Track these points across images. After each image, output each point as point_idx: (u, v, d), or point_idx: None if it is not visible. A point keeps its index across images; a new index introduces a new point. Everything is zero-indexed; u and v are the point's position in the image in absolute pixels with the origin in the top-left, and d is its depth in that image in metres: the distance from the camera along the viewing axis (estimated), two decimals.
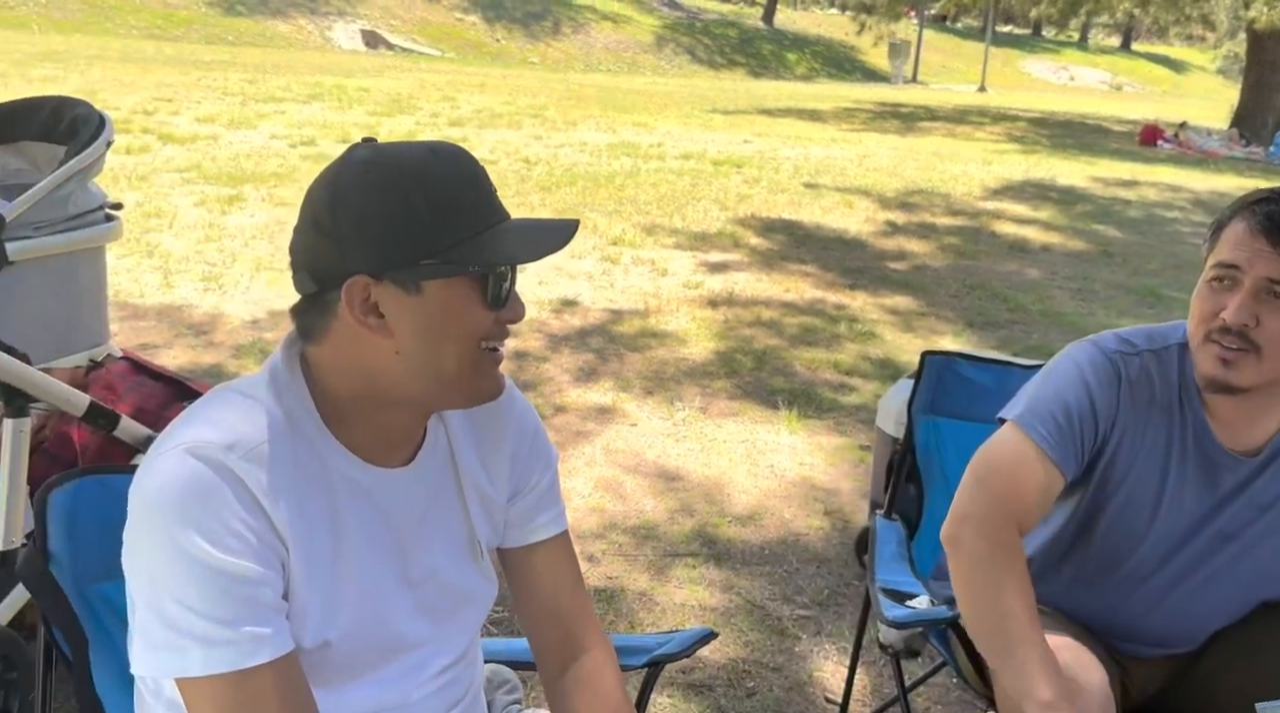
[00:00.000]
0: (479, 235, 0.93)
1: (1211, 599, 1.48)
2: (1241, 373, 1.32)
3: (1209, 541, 1.43)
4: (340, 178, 0.93)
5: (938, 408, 1.84)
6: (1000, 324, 5.24)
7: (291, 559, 0.93)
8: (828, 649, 2.32)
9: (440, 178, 0.93)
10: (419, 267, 0.91)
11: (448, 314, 0.94)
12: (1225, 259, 1.33)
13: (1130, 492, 1.43)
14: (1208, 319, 1.34)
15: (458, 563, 1.08)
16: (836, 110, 19.09)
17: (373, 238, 0.91)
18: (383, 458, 1.01)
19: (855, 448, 3.55)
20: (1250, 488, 1.41)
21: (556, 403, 3.77)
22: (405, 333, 0.93)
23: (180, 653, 0.88)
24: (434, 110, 12.70)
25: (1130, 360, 1.43)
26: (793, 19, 38.65)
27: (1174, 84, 43.40)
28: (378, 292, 0.92)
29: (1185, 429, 1.41)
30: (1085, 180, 11.08)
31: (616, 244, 6.39)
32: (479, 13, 29.20)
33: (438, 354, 0.95)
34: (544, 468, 1.15)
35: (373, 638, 1.00)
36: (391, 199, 0.91)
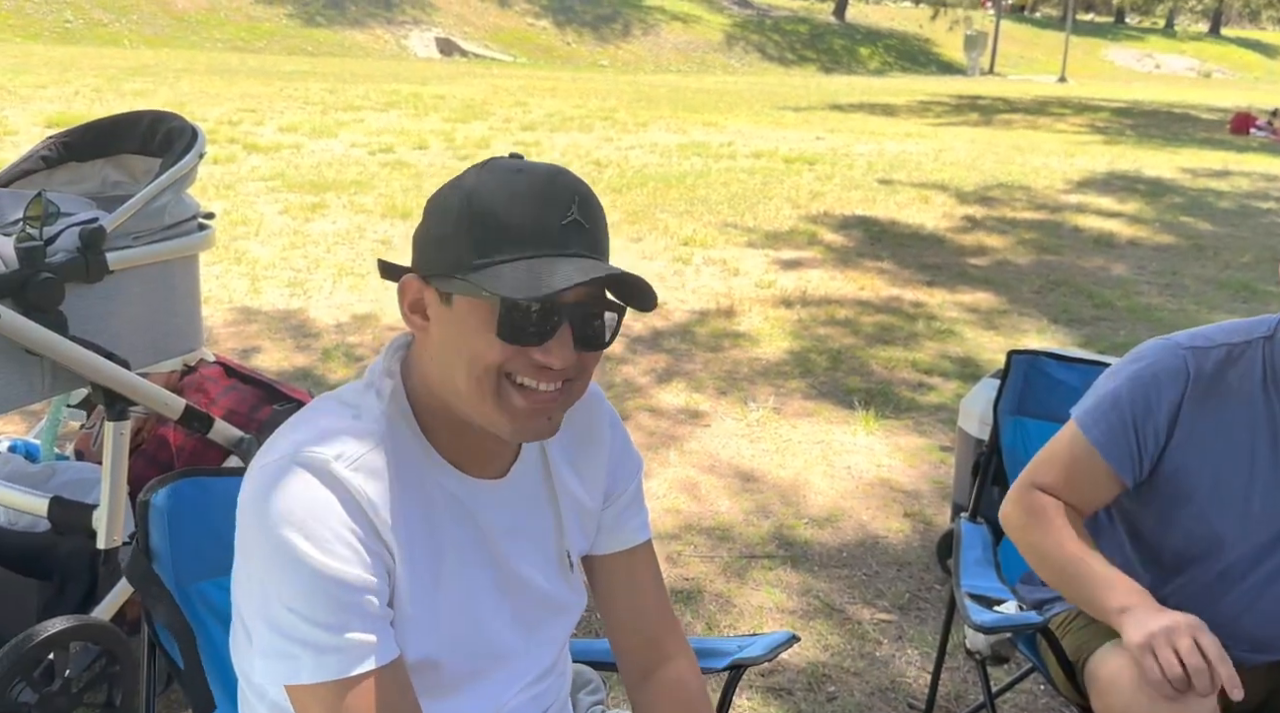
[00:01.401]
0: (511, 262, 0.88)
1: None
2: None
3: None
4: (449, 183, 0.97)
5: (1024, 409, 1.79)
6: (1086, 321, 5.08)
7: (397, 568, 0.95)
8: (910, 654, 2.28)
9: (502, 198, 0.90)
10: (453, 280, 0.91)
11: (463, 332, 0.92)
12: None
13: (1212, 489, 1.39)
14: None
15: (548, 575, 1.08)
16: (911, 104, 18.75)
17: (429, 241, 0.94)
18: (478, 469, 1.02)
19: (935, 449, 3.48)
20: None
21: (633, 404, 3.78)
22: (435, 340, 0.95)
23: (292, 660, 0.90)
24: (507, 115, 12.87)
25: (1204, 355, 1.40)
26: (865, 13, 38.07)
27: (1267, 70, 41.46)
28: (427, 294, 0.95)
29: (1273, 420, 1.37)
30: (1173, 171, 10.68)
31: (688, 244, 6.38)
32: (550, 17, 29.48)
33: (452, 369, 0.94)
34: (631, 474, 1.16)
35: (470, 650, 1.01)
36: (449, 207, 0.93)
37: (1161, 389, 1.38)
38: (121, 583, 1.86)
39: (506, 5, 29.49)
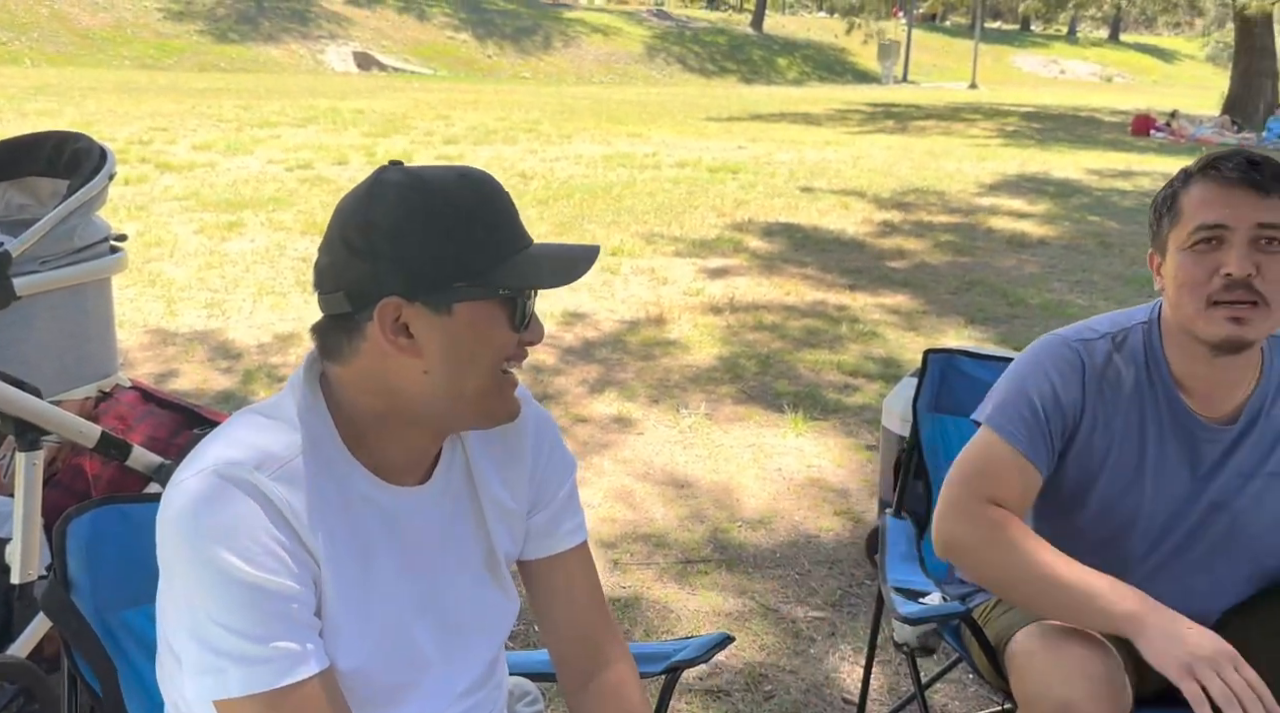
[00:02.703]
0: (508, 259, 0.96)
1: (1215, 573, 1.48)
2: (1255, 327, 1.33)
3: (1200, 514, 1.45)
4: (374, 199, 0.95)
5: (942, 405, 1.85)
6: (1001, 319, 5.25)
7: (323, 576, 0.95)
8: (843, 650, 2.33)
9: (471, 202, 0.95)
10: (451, 289, 0.93)
11: (476, 335, 0.95)
12: (1207, 220, 1.33)
13: (1112, 476, 1.45)
14: (1203, 283, 1.33)
15: (478, 580, 1.08)
16: (829, 113, 19.14)
17: (407, 260, 0.93)
18: (399, 477, 1.02)
19: (862, 448, 3.56)
20: (1234, 456, 1.43)
21: (566, 414, 3.79)
22: (434, 353, 0.95)
23: (220, 674, 0.89)
24: (428, 129, 12.76)
25: (1094, 346, 1.45)
26: (781, 24, 38.74)
27: (1164, 73, 43.43)
28: (409, 312, 0.94)
29: (1159, 407, 1.43)
30: (1080, 173, 11.10)
31: (616, 255, 6.41)
32: (470, 30, 29.33)
33: (462, 374, 0.96)
34: (563, 478, 1.16)
35: (400, 659, 1.01)
36: (426, 222, 0.93)
37: (1065, 382, 1.43)
38: (39, 618, 1.80)
39: (426, 18, 29.25)
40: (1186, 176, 1.40)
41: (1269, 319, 1.33)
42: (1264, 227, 1.31)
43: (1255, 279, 1.31)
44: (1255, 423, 1.43)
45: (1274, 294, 1.31)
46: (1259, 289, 1.31)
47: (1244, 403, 1.43)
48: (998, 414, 1.45)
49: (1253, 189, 1.32)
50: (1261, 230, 1.31)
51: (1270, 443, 1.43)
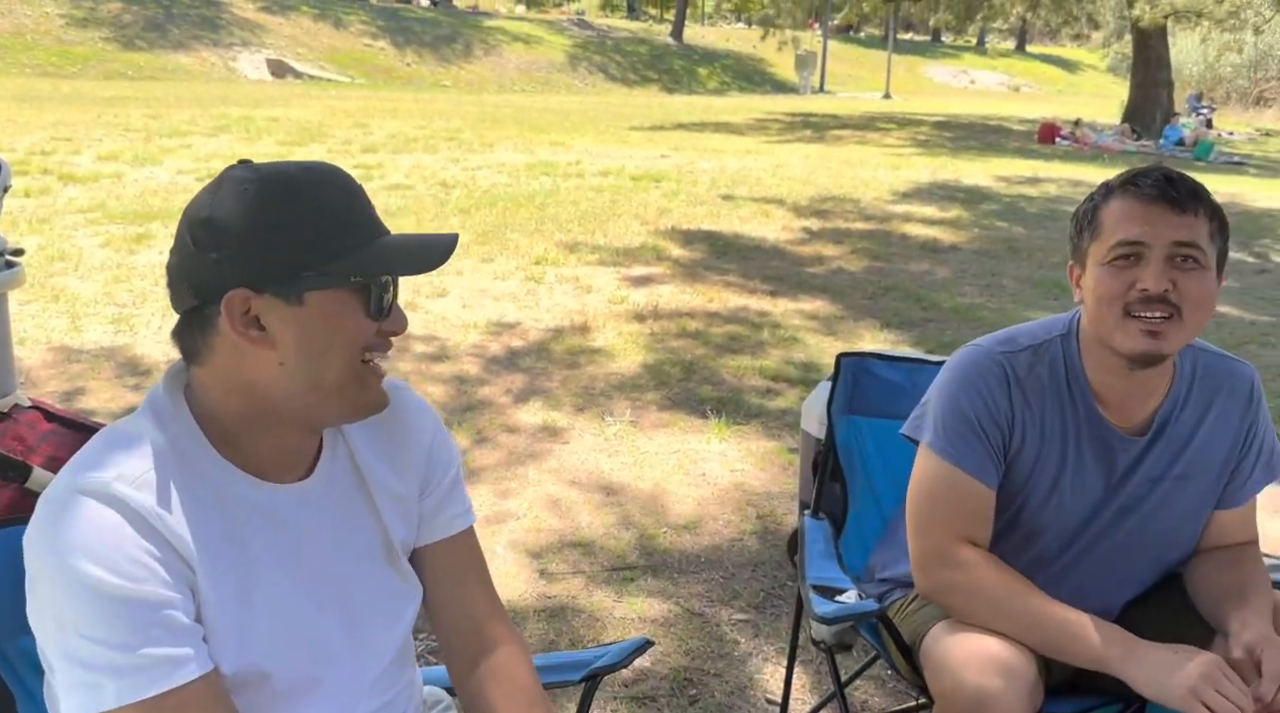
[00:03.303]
0: (360, 248, 0.96)
1: (1118, 572, 1.55)
2: (1170, 340, 1.36)
3: (1111, 517, 1.50)
4: (218, 195, 0.95)
5: (855, 407, 1.89)
6: (915, 323, 5.39)
7: (200, 581, 0.93)
8: (767, 651, 2.36)
9: (319, 193, 0.95)
10: (300, 278, 0.93)
11: (330, 323, 0.95)
12: (1126, 237, 1.37)
13: (1035, 484, 1.48)
14: (1120, 297, 1.37)
15: (377, 570, 1.08)
16: (750, 122, 19.41)
17: (253, 251, 0.92)
18: (278, 474, 1.01)
19: (784, 451, 3.61)
20: (1143, 464, 1.48)
21: (492, 424, 3.76)
22: (288, 344, 0.94)
23: (95, 689, 0.87)
24: (346, 137, 12.55)
25: (1015, 358, 1.47)
26: (701, 34, 39.17)
27: (1068, 83, 45.19)
28: (258, 304, 0.93)
29: (1077, 417, 1.47)
30: (989, 180, 11.47)
31: (540, 263, 6.40)
32: (388, 38, 28.94)
33: (320, 364, 0.96)
34: (448, 463, 1.16)
35: (298, 658, 1.00)
36: (272, 213, 0.93)
37: (996, 396, 1.45)
38: None
39: (342, 26, 28.76)
40: (1107, 191, 1.43)
41: (1183, 332, 1.37)
42: (1179, 244, 1.35)
43: (1171, 294, 1.34)
44: (1164, 430, 1.48)
45: (1189, 308, 1.35)
46: (1174, 302, 1.35)
47: (1155, 412, 1.48)
48: (938, 437, 1.46)
49: (1169, 207, 1.36)
50: (1177, 248, 1.35)
51: (1178, 448, 1.49)
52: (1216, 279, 1.39)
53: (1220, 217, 1.40)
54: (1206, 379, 1.51)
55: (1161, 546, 1.55)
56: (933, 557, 1.46)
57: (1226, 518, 1.54)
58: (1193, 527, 1.54)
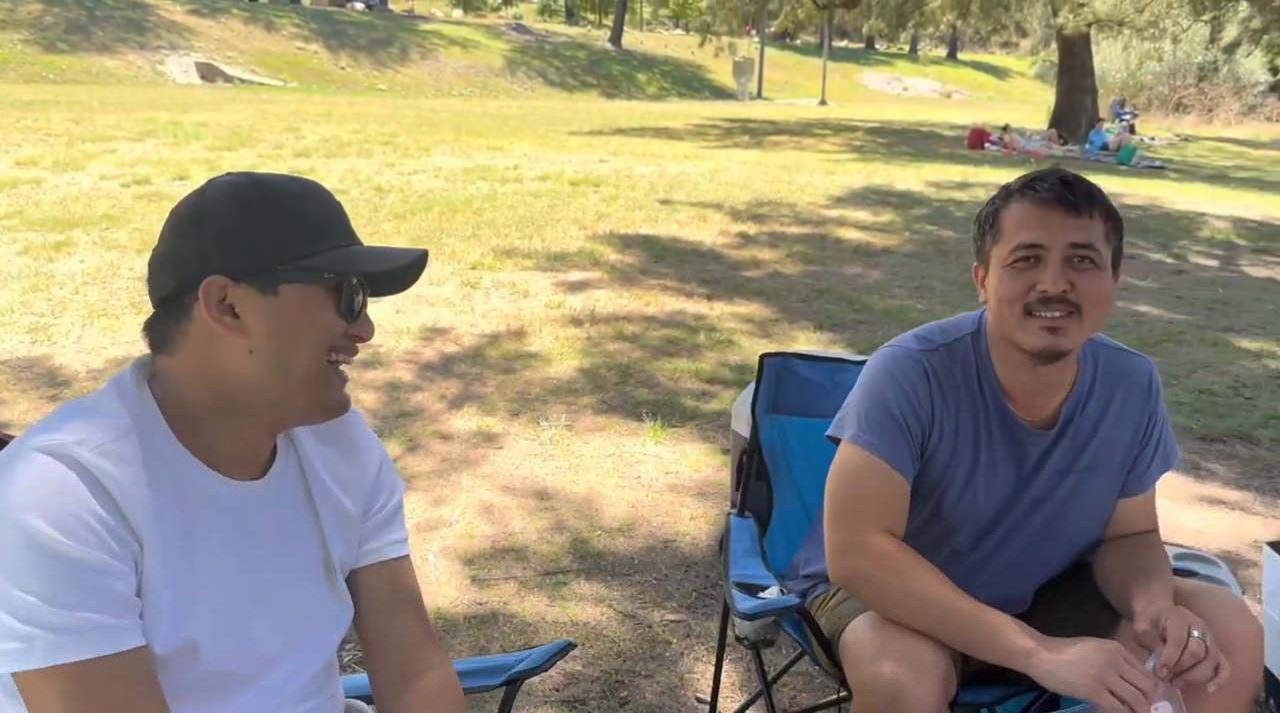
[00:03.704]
0: (336, 249, 1.00)
1: (1033, 561, 1.60)
2: (1070, 336, 1.41)
3: (1023, 509, 1.55)
4: (207, 192, 1.00)
5: (779, 407, 1.92)
6: (848, 325, 5.48)
7: (145, 556, 0.93)
8: (698, 651, 2.38)
9: (302, 198, 1.01)
10: (277, 270, 0.97)
11: (302, 316, 0.99)
12: (1025, 240, 1.41)
13: (952, 479, 1.52)
14: (1021, 297, 1.41)
15: (313, 583, 1.09)
16: (688, 128, 19.53)
17: (235, 243, 0.97)
18: (235, 470, 1.03)
19: (718, 452, 3.64)
20: (1051, 457, 1.53)
21: (425, 431, 3.73)
22: (260, 332, 0.98)
23: (26, 643, 0.86)
24: (277, 142, 12.32)
25: (932, 356, 1.51)
26: (640, 40, 39.34)
27: (998, 90, 46.35)
28: (235, 292, 0.97)
29: (989, 413, 1.51)
30: (921, 185, 11.71)
31: (476, 269, 6.36)
32: (321, 41, 28.51)
33: (289, 355, 0.99)
34: (393, 489, 1.18)
35: (229, 649, 0.99)
36: (255, 208, 0.98)
37: (917, 392, 1.49)
38: None
39: (274, 29, 28.25)
40: (1007, 194, 1.47)
41: (1083, 329, 1.42)
42: (1076, 246, 1.39)
43: (1070, 294, 1.39)
44: (1071, 423, 1.53)
45: (1087, 307, 1.40)
46: (1072, 300, 1.39)
47: (1061, 406, 1.52)
48: (861, 431, 1.49)
49: (1065, 209, 1.40)
50: (1074, 249, 1.39)
51: (1084, 441, 1.54)
52: (1112, 278, 1.44)
53: (1115, 217, 1.45)
54: (1108, 373, 1.56)
55: (1072, 535, 1.60)
56: (849, 545, 1.47)
57: (1129, 506, 1.59)
58: (1100, 515, 1.59)
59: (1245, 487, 3.53)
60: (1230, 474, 3.64)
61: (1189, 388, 4.62)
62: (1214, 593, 1.51)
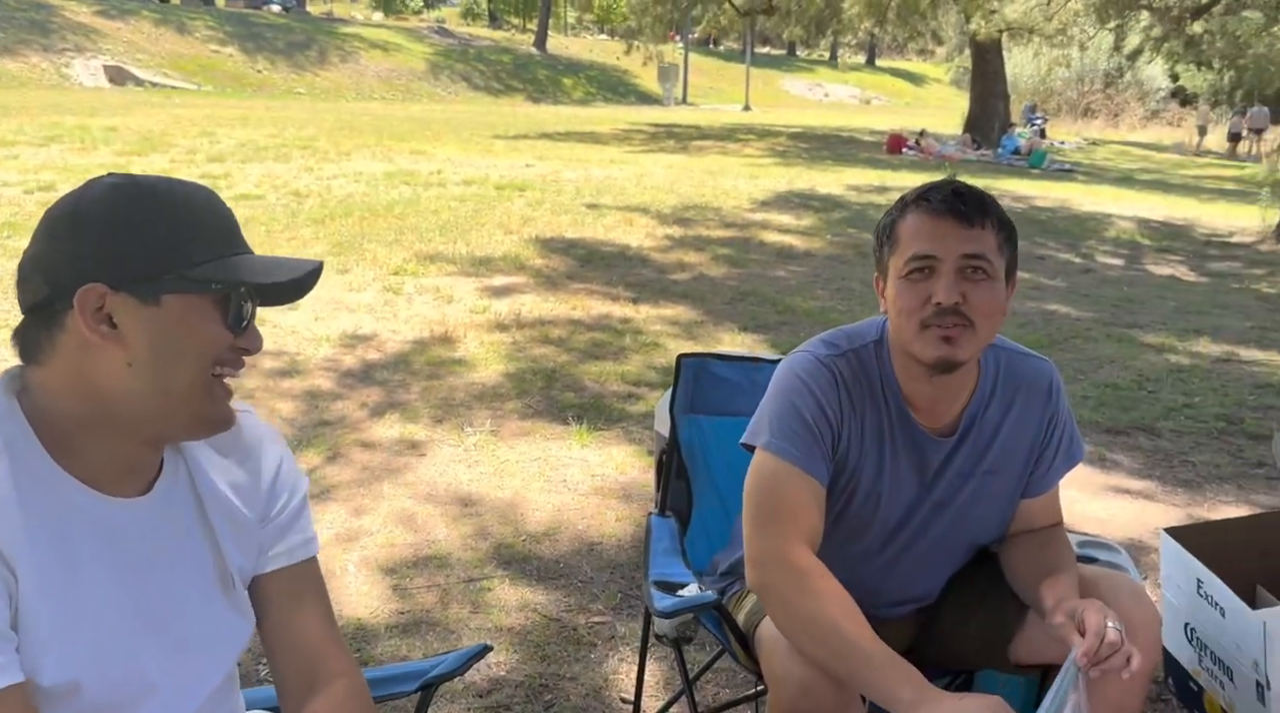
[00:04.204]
0: (223, 258, 0.96)
1: (938, 560, 1.64)
2: (964, 347, 1.43)
3: (927, 513, 1.58)
4: (86, 194, 0.94)
5: (697, 406, 1.94)
6: (771, 326, 5.56)
7: (20, 587, 0.89)
8: (623, 652, 2.38)
9: (187, 203, 0.96)
10: (161, 279, 0.92)
11: (185, 328, 0.94)
12: (919, 251, 1.43)
13: (859, 483, 1.54)
14: (918, 309, 1.43)
15: (208, 598, 1.05)
16: (614, 132, 19.59)
17: (114, 248, 0.91)
18: (116, 487, 0.98)
19: (644, 454, 3.66)
20: (953, 462, 1.56)
21: (346, 440, 3.66)
22: (140, 344, 0.93)
23: None
24: (191, 146, 11.99)
25: (839, 361, 1.53)
26: (565, 45, 39.30)
27: (915, 96, 47.52)
28: (113, 301, 0.91)
29: (891, 420, 1.53)
30: (841, 189, 11.94)
31: (398, 274, 6.28)
32: (236, 44, 27.83)
33: (170, 369, 0.94)
34: (293, 491, 1.14)
35: (116, 677, 0.95)
36: (138, 212, 0.93)
37: (826, 397, 1.50)
38: None
39: (187, 31, 27.48)
40: (903, 206, 1.49)
41: (976, 340, 1.44)
42: (968, 257, 1.41)
43: (963, 306, 1.41)
44: (972, 429, 1.56)
45: (980, 318, 1.42)
46: (965, 313, 1.41)
47: (962, 412, 1.55)
48: (774, 437, 1.49)
49: (957, 220, 1.42)
50: (966, 260, 1.41)
51: (984, 445, 1.57)
52: (1006, 287, 1.47)
53: (1008, 227, 1.48)
54: (1009, 378, 1.59)
55: (976, 534, 1.64)
56: (767, 557, 1.45)
57: (1032, 505, 1.63)
58: (1003, 516, 1.63)
59: (1148, 476, 3.68)
60: (1134, 465, 3.79)
61: (1095, 383, 4.80)
62: (1114, 579, 1.57)
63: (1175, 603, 2.12)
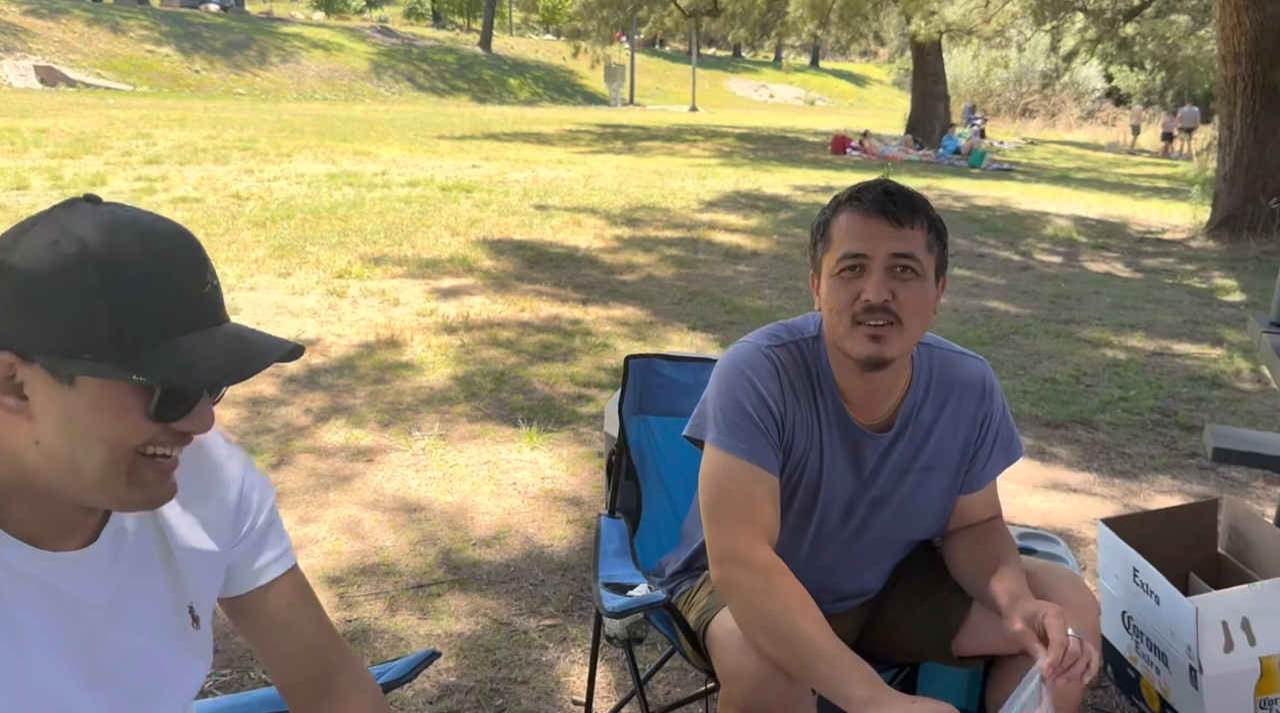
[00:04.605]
0: (168, 339, 0.82)
1: (878, 555, 1.67)
2: (891, 345, 1.45)
3: (867, 508, 1.60)
4: (24, 236, 0.82)
5: (645, 407, 1.94)
6: (720, 326, 5.59)
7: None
8: (575, 654, 2.37)
9: (143, 270, 0.81)
10: (77, 360, 0.80)
11: (99, 414, 0.83)
12: (850, 250, 1.45)
13: (801, 476, 1.56)
14: (848, 306, 1.45)
15: (163, 642, 1.00)
16: (561, 133, 19.54)
17: (32, 313, 0.80)
18: (58, 541, 0.91)
19: (595, 456, 3.65)
20: (890, 458, 1.58)
21: (291, 447, 3.59)
22: (48, 423, 0.82)
23: None
24: (126, 148, 11.69)
25: (780, 351, 1.55)
26: (510, 45, 39.11)
27: (858, 97, 48.16)
28: (25, 372, 0.81)
29: (829, 415, 1.56)
30: (787, 189, 12.05)
31: (343, 277, 6.19)
32: (173, 44, 27.21)
33: (81, 453, 0.84)
34: (259, 507, 1.09)
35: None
36: (73, 280, 0.80)
37: (769, 388, 1.51)
38: None
39: (121, 31, 26.79)
40: (836, 205, 1.51)
41: (904, 338, 1.46)
42: (897, 256, 1.44)
43: (891, 303, 1.43)
44: (907, 426, 1.58)
45: (908, 315, 1.45)
46: (894, 310, 1.44)
47: (897, 409, 1.58)
48: (723, 434, 1.50)
49: (887, 219, 1.44)
50: (895, 259, 1.44)
51: (920, 442, 1.59)
52: (935, 286, 1.50)
53: (938, 227, 1.50)
54: (943, 377, 1.62)
55: (915, 531, 1.66)
56: (729, 552, 1.46)
57: (971, 500, 1.66)
58: (941, 512, 1.66)
59: (1086, 469, 3.78)
60: (1073, 457, 3.88)
61: (1034, 378, 4.91)
62: (1052, 570, 1.61)
63: (1113, 592, 2.18)
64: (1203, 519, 2.33)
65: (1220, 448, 2.56)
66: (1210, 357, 5.44)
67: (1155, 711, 2.07)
